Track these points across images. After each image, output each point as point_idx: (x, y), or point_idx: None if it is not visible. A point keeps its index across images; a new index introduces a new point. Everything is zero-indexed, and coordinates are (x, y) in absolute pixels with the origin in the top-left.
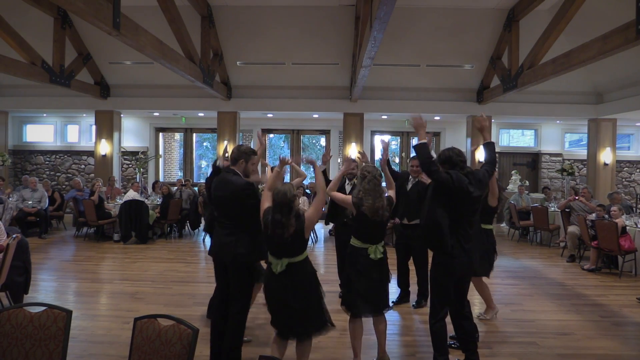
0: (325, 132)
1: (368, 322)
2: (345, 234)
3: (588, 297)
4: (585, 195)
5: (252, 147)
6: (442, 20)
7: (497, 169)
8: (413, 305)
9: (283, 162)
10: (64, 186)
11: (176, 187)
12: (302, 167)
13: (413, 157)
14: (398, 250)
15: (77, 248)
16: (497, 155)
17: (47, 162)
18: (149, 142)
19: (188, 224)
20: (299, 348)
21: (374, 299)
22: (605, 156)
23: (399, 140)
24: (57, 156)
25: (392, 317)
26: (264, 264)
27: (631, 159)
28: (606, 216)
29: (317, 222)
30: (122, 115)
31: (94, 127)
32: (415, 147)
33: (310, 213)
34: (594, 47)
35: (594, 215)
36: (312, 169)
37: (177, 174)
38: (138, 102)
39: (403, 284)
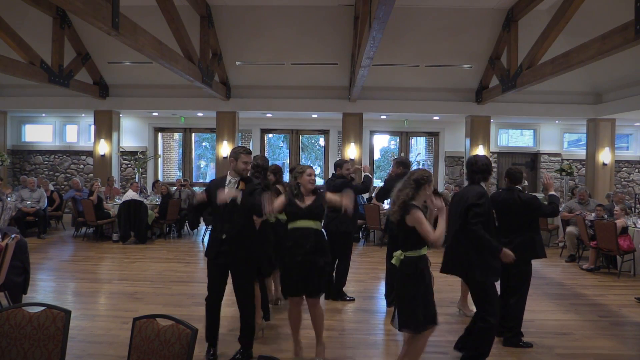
0: (324, 132)
1: (369, 321)
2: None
3: (587, 296)
4: (582, 197)
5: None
6: (441, 20)
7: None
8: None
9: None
10: (62, 186)
11: (175, 187)
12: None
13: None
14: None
15: (76, 248)
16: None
17: (45, 162)
18: (147, 142)
19: (187, 224)
20: (312, 314)
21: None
22: (604, 156)
23: (397, 140)
24: (56, 156)
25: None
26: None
27: (630, 159)
28: (605, 216)
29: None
30: (121, 115)
31: (92, 127)
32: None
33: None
34: (593, 47)
35: (593, 215)
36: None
37: (176, 174)
38: (137, 102)
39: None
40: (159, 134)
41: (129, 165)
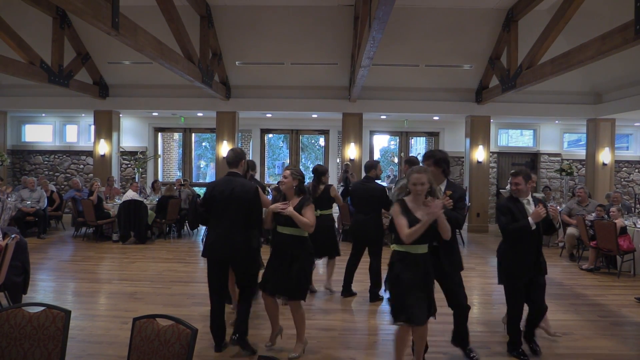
0: (324, 132)
1: (369, 321)
2: None
3: (587, 297)
4: (581, 196)
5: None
6: (441, 20)
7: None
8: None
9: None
10: (62, 186)
11: (175, 187)
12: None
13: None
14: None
15: (76, 248)
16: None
17: (45, 162)
18: (147, 142)
19: (187, 224)
20: (293, 316)
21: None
22: (604, 156)
23: (397, 140)
24: (56, 156)
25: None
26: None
27: (630, 159)
28: (605, 216)
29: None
30: (120, 115)
31: (92, 127)
32: None
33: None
34: (592, 47)
35: (593, 215)
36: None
37: (176, 174)
38: (137, 102)
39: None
40: (159, 134)
41: (129, 165)
